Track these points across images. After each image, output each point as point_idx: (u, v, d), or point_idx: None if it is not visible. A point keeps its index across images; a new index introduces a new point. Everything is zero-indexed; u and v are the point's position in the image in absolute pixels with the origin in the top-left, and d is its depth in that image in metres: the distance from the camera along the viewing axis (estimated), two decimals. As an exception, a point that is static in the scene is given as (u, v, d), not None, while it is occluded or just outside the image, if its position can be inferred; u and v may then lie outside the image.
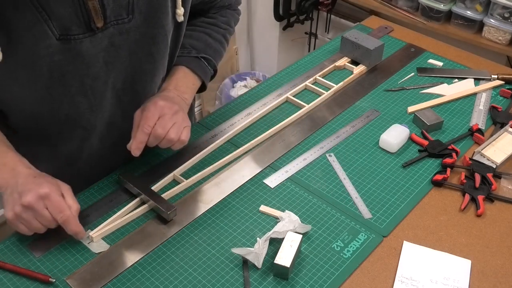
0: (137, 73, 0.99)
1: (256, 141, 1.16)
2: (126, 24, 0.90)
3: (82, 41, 0.87)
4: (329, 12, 2.47)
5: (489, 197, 1.05)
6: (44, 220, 0.88)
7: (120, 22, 0.89)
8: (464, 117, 1.26)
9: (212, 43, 1.14)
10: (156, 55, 0.99)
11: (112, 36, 0.90)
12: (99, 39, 0.88)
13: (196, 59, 1.10)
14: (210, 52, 1.13)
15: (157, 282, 0.89)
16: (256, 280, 0.89)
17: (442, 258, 0.94)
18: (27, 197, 0.86)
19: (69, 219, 0.89)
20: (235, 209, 1.02)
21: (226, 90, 2.56)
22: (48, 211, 0.88)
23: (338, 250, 0.95)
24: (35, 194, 0.87)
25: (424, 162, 1.13)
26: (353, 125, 1.22)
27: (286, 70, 1.42)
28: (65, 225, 0.89)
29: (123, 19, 0.89)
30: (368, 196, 1.05)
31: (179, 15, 0.98)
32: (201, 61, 1.11)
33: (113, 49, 0.91)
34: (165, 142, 0.98)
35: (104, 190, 1.05)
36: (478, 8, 1.95)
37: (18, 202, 0.87)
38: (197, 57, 1.10)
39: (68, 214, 0.89)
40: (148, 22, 0.93)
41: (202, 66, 1.11)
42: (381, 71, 1.41)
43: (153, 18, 0.93)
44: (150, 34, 0.95)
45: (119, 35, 0.90)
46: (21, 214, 0.87)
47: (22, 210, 0.87)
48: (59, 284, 0.88)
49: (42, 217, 0.88)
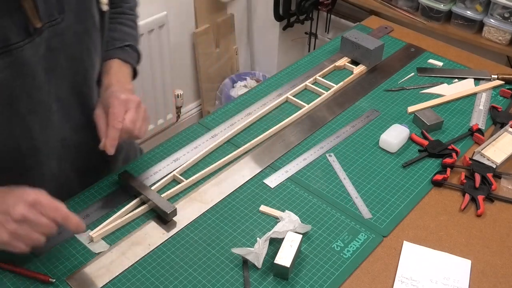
0: (79, 76, 0.96)
1: (256, 141, 1.16)
2: (59, 25, 0.87)
3: (23, 49, 0.83)
4: (329, 12, 2.47)
5: (489, 197, 1.05)
6: (43, 228, 0.82)
7: (53, 23, 0.86)
8: (464, 117, 1.26)
9: (128, 31, 1.13)
10: (92, 48, 0.97)
11: (48, 39, 0.87)
12: (37, 44, 0.85)
13: (122, 49, 1.09)
14: (130, 39, 1.13)
15: (157, 282, 0.89)
16: (256, 280, 0.89)
17: (442, 258, 0.94)
18: (16, 210, 0.80)
19: (68, 215, 0.84)
20: (235, 209, 1.02)
21: (226, 90, 2.55)
22: (43, 216, 0.82)
23: (338, 250, 0.95)
24: (24, 204, 0.81)
25: (424, 162, 1.13)
26: (353, 125, 1.22)
27: (286, 70, 1.42)
28: (66, 222, 0.84)
29: (55, 19, 0.87)
30: (368, 196, 1.05)
31: (103, 3, 0.95)
32: (126, 49, 1.10)
33: (51, 54, 0.88)
34: (133, 136, 0.97)
35: (104, 190, 1.05)
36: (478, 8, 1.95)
37: (8, 220, 0.80)
38: (122, 47, 1.09)
39: (65, 210, 0.84)
40: (80, 17, 0.90)
41: (129, 54, 1.11)
42: (381, 71, 1.41)
43: (84, 12, 0.91)
44: (84, 29, 0.93)
45: (54, 37, 0.88)
46: (17, 231, 0.80)
47: (16, 227, 0.80)
48: (59, 284, 0.88)
49: (40, 225, 0.82)
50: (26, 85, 0.87)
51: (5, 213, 0.80)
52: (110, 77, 1.04)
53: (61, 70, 0.92)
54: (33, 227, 0.82)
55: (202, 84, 2.51)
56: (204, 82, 2.52)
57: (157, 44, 2.13)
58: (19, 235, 0.81)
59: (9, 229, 0.80)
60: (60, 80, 0.93)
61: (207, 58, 2.46)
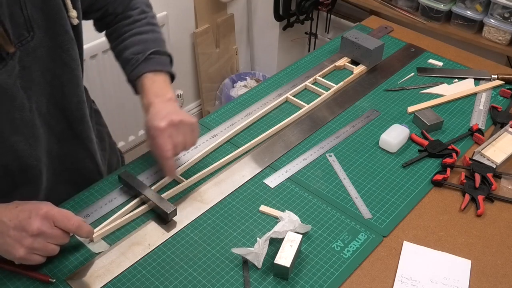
0: (57, 90, 0.95)
1: (256, 141, 1.16)
2: (30, 43, 0.86)
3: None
4: (329, 12, 2.47)
5: (489, 197, 1.05)
6: (57, 239, 0.85)
7: (24, 42, 0.85)
8: (464, 117, 1.26)
9: (146, 37, 1.07)
10: (71, 63, 0.95)
11: (21, 59, 0.86)
12: (11, 67, 0.84)
13: (147, 61, 1.04)
14: (152, 45, 1.06)
15: (157, 282, 0.89)
16: (256, 280, 0.89)
17: (442, 258, 0.94)
18: (33, 225, 0.82)
19: (80, 224, 0.87)
20: (235, 209, 1.02)
21: (226, 90, 2.55)
22: (57, 228, 0.85)
23: (338, 250, 0.95)
24: (38, 218, 0.83)
25: (424, 162, 1.13)
26: (353, 125, 1.23)
27: (286, 70, 1.42)
28: (79, 231, 0.87)
29: (26, 38, 0.85)
30: (368, 196, 1.05)
31: (73, 17, 0.92)
32: (152, 58, 1.04)
33: (25, 72, 0.87)
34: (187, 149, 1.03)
35: (104, 190, 1.05)
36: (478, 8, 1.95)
37: (23, 235, 0.82)
38: (146, 59, 1.03)
39: (76, 219, 0.87)
40: (51, 33, 0.89)
41: (157, 60, 1.04)
42: (381, 71, 1.41)
43: (54, 27, 0.89)
44: (58, 44, 0.91)
45: (27, 56, 0.86)
46: (33, 245, 0.83)
47: (32, 241, 0.82)
48: (59, 284, 0.88)
49: (54, 237, 0.84)
50: (7, 108, 0.86)
51: (21, 229, 0.82)
52: (147, 96, 1.01)
53: (37, 87, 0.91)
54: (48, 239, 0.84)
55: (202, 84, 2.51)
56: (204, 82, 2.52)
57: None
58: (35, 248, 0.84)
59: (25, 245, 0.83)
60: (38, 95, 0.92)
61: (207, 58, 2.46)
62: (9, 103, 0.86)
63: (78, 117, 1.01)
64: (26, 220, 0.82)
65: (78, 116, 1.01)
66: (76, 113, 1.01)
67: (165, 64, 1.06)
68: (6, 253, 0.84)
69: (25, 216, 0.83)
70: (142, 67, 1.03)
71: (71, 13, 0.91)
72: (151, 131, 0.97)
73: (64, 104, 0.98)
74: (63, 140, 1.01)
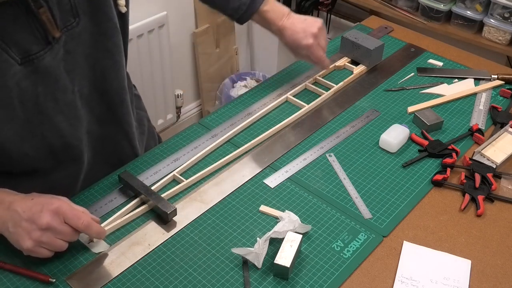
0: (99, 74, 0.98)
1: (256, 141, 1.16)
2: (75, 28, 0.88)
3: (44, 57, 0.84)
4: (329, 12, 2.47)
5: (489, 197, 1.05)
6: (66, 235, 0.86)
7: (69, 28, 0.87)
8: (464, 117, 1.26)
9: None
10: (113, 49, 0.98)
11: (66, 43, 0.88)
12: (56, 50, 0.86)
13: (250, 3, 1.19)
14: None
15: (157, 282, 0.89)
16: (256, 280, 0.89)
17: (442, 258, 0.94)
18: (43, 219, 0.83)
19: (90, 223, 0.87)
20: (235, 209, 1.02)
21: (226, 90, 2.55)
22: (66, 224, 0.85)
23: (338, 250, 0.95)
24: (49, 213, 0.84)
25: (424, 162, 1.13)
26: (353, 125, 1.23)
27: (286, 70, 1.42)
28: (88, 230, 0.88)
29: (71, 23, 0.87)
30: (368, 196, 1.05)
31: (121, 5, 0.96)
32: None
33: (69, 56, 0.90)
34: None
35: (104, 190, 1.05)
36: (478, 8, 1.95)
37: (33, 227, 0.83)
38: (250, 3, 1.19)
39: (87, 218, 0.87)
40: (95, 19, 0.92)
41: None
42: (381, 71, 1.41)
43: (99, 14, 0.92)
44: (102, 31, 0.94)
45: (71, 40, 0.89)
46: (41, 238, 0.84)
47: (41, 234, 0.84)
48: (59, 284, 0.88)
49: (63, 233, 0.85)
50: (51, 89, 0.89)
51: (31, 221, 0.84)
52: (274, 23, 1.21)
53: (80, 70, 0.94)
54: (56, 234, 0.85)
55: (202, 84, 2.51)
56: (204, 82, 2.52)
57: (157, 44, 2.13)
58: (43, 242, 0.85)
59: (34, 237, 0.84)
60: (80, 78, 0.95)
61: (207, 58, 2.46)
62: (54, 85, 0.89)
63: (118, 101, 1.05)
64: (38, 213, 0.83)
65: (117, 100, 1.05)
66: (116, 98, 1.04)
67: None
68: (16, 242, 0.86)
69: (37, 209, 0.84)
70: (251, 8, 1.20)
71: (119, 1, 0.95)
72: (303, 50, 1.22)
73: (105, 88, 1.01)
74: (102, 122, 1.04)
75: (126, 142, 1.13)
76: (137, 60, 2.07)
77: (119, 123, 1.09)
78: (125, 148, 1.14)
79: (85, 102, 0.99)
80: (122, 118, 1.08)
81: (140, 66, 2.10)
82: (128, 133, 1.12)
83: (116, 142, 1.11)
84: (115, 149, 1.12)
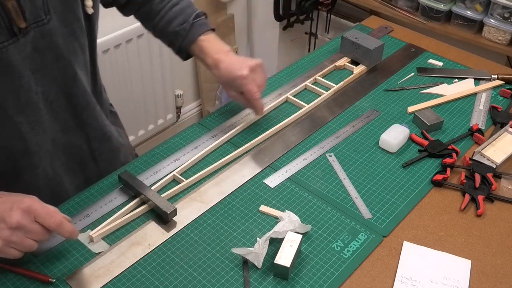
0: (67, 77, 0.96)
1: (256, 141, 1.16)
2: (46, 26, 0.87)
3: (8, 49, 0.83)
4: (329, 12, 2.47)
5: (489, 197, 1.05)
6: (36, 235, 0.83)
7: (40, 24, 0.86)
8: (464, 117, 1.26)
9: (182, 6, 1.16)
10: (79, 51, 0.97)
11: (35, 40, 0.87)
12: (22, 45, 0.85)
13: (193, 27, 1.14)
14: (190, 11, 1.16)
15: (157, 282, 0.89)
16: (256, 280, 0.89)
17: (442, 258, 0.94)
18: (12, 217, 0.79)
19: (62, 222, 0.84)
20: (235, 209, 1.02)
21: (226, 90, 2.55)
22: (37, 223, 0.82)
23: (338, 250, 0.95)
24: (19, 211, 0.80)
25: (424, 162, 1.13)
26: (353, 125, 1.23)
27: (286, 70, 1.42)
28: (60, 229, 0.84)
29: (42, 20, 0.87)
30: (368, 196, 1.05)
31: (88, 6, 0.96)
32: (196, 22, 1.15)
33: (37, 54, 0.88)
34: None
35: (104, 190, 1.05)
36: (478, 8, 1.95)
37: (2, 226, 0.80)
38: (192, 25, 1.14)
39: (59, 217, 0.84)
40: (65, 19, 0.91)
41: (201, 23, 1.15)
42: (381, 71, 1.41)
43: (69, 13, 0.91)
44: (70, 31, 0.93)
45: (41, 38, 0.88)
46: (11, 238, 0.80)
47: (11, 234, 0.80)
48: (59, 284, 0.88)
49: (33, 232, 0.82)
50: (12, 85, 0.87)
51: (1, 220, 0.80)
52: (210, 55, 1.13)
53: (49, 71, 0.92)
54: (27, 234, 0.82)
55: (202, 84, 2.51)
56: (204, 82, 2.52)
57: (157, 44, 2.13)
58: (12, 242, 0.81)
59: (3, 237, 0.80)
60: (48, 80, 0.93)
61: (207, 58, 2.46)
62: (16, 81, 0.87)
63: (84, 104, 1.03)
64: (7, 211, 0.80)
65: (83, 103, 1.03)
66: (82, 101, 1.02)
67: (207, 23, 1.17)
68: None
69: (6, 208, 0.81)
70: (192, 34, 1.14)
71: (86, 2, 0.95)
72: (236, 81, 1.10)
73: (72, 92, 1.00)
74: (67, 130, 1.02)
75: (85, 145, 1.10)
76: (137, 60, 2.07)
77: (82, 127, 1.06)
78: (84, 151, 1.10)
79: (50, 107, 0.96)
80: (87, 121, 1.06)
81: (140, 66, 2.10)
82: (89, 135, 1.09)
83: (76, 147, 1.08)
84: (74, 154, 1.08)
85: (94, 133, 1.10)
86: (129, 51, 2.01)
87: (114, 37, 1.92)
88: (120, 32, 1.94)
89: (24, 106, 0.90)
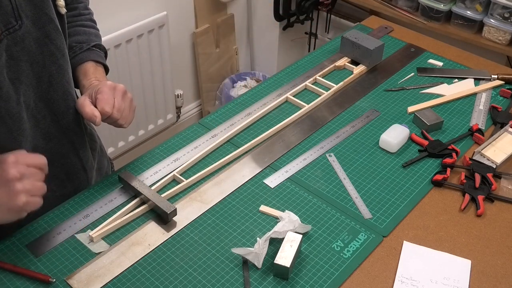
0: (45, 81, 0.95)
1: (256, 141, 1.16)
2: (18, 32, 0.86)
3: None
4: (329, 12, 2.47)
5: (489, 197, 1.05)
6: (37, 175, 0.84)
7: (11, 30, 0.85)
8: (464, 117, 1.26)
9: (90, 31, 1.13)
10: (57, 53, 0.95)
11: (8, 48, 0.86)
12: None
13: (91, 51, 1.09)
14: (95, 38, 1.13)
15: (157, 282, 0.89)
16: (256, 280, 0.89)
17: (442, 258, 0.94)
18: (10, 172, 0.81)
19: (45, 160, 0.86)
20: (235, 209, 1.02)
21: (226, 90, 2.55)
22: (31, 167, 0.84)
23: (338, 250, 0.95)
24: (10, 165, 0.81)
25: (424, 162, 1.13)
26: (353, 125, 1.23)
27: (286, 70, 1.42)
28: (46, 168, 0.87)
29: (13, 26, 0.85)
30: (368, 196, 1.05)
31: (60, 6, 0.94)
32: (95, 50, 1.10)
33: (13, 62, 0.87)
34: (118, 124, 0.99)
35: (104, 190, 1.05)
36: (478, 8, 1.95)
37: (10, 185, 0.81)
38: (90, 49, 1.09)
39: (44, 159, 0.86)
40: (38, 22, 0.90)
41: (98, 54, 1.11)
42: (381, 71, 1.41)
43: (41, 16, 0.90)
44: (45, 34, 0.92)
45: (15, 45, 0.86)
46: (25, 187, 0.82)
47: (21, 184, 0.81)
48: (59, 284, 0.88)
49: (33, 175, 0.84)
50: None
51: (4, 183, 0.81)
52: (89, 79, 1.05)
53: (25, 78, 0.91)
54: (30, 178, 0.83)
55: (202, 84, 2.51)
56: (204, 82, 2.52)
57: (157, 44, 2.13)
58: (29, 190, 0.82)
59: (20, 190, 0.81)
60: (26, 88, 0.92)
61: (207, 58, 2.46)
62: None
63: (64, 109, 1.01)
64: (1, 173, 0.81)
65: (63, 108, 1.01)
66: (62, 105, 1.00)
67: (103, 59, 1.12)
68: (10, 212, 0.83)
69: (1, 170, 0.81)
70: (85, 55, 1.08)
71: (58, 2, 0.93)
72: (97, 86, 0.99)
73: (51, 97, 0.98)
74: (48, 136, 1.00)
75: (72, 154, 1.07)
76: (137, 60, 2.07)
77: (65, 134, 1.03)
78: (72, 160, 1.07)
79: (30, 114, 0.95)
80: (69, 127, 1.03)
81: (140, 66, 2.10)
82: (74, 143, 1.06)
83: (62, 155, 1.05)
84: (62, 164, 1.05)
85: (79, 139, 1.07)
86: (129, 51, 2.01)
87: (114, 37, 1.92)
88: (120, 32, 1.94)
89: (5, 116, 0.89)
